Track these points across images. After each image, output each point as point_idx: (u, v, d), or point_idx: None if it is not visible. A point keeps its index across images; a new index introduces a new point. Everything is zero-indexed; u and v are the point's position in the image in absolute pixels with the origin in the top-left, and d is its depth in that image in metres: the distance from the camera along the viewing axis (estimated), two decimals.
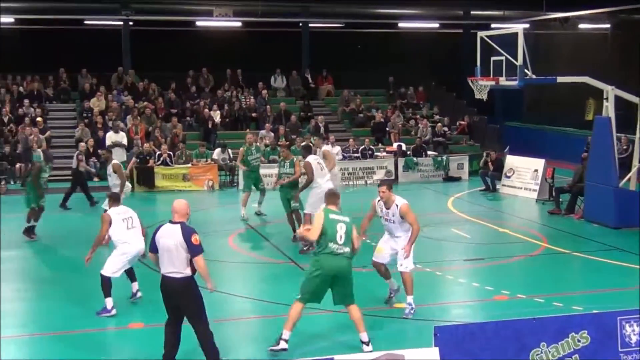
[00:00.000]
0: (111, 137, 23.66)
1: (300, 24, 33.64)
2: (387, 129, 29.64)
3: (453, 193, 23.08)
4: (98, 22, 32.10)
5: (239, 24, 32.09)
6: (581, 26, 34.49)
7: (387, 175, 25.14)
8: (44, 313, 11.64)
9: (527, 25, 31.62)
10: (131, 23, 31.37)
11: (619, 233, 16.73)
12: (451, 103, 34.18)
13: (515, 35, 17.50)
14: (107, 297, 11.08)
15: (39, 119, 26.30)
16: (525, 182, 22.42)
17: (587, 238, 16.53)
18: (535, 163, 22.42)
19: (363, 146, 26.37)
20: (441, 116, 30.98)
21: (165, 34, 32.10)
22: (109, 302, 11.07)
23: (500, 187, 23.08)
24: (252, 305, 11.97)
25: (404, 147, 27.08)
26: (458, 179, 25.78)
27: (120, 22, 31.32)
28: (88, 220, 17.45)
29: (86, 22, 31.57)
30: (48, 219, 16.87)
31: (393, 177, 25.12)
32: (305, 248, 14.77)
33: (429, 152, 27.00)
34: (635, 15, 31.23)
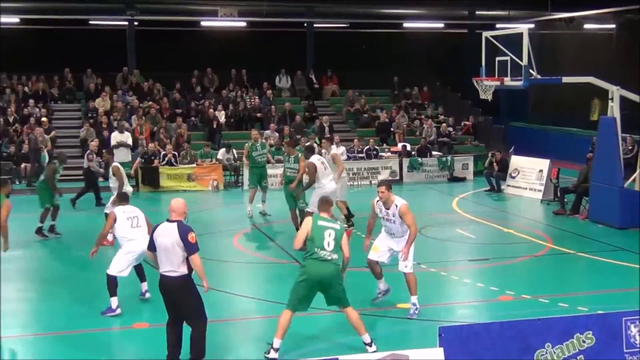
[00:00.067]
0: (116, 137, 23.66)
1: (305, 24, 33.64)
2: (392, 129, 29.61)
3: (458, 193, 23.07)
4: (103, 22, 32.14)
5: (244, 24, 32.11)
6: (586, 26, 34.42)
7: (392, 175, 25.16)
8: (48, 313, 11.65)
9: (532, 25, 31.56)
10: (136, 23, 31.41)
11: (624, 233, 16.70)
12: (456, 103, 34.15)
13: (520, 35, 17.48)
14: (112, 297, 11.11)
15: (44, 119, 26.35)
16: (530, 183, 22.39)
17: (592, 238, 16.51)
18: (540, 163, 22.39)
19: (368, 146, 26.37)
20: (446, 116, 30.96)
21: (170, 34, 32.12)
22: (114, 302, 11.09)
23: (505, 188, 23.05)
24: (257, 305, 11.97)
25: (409, 148, 27.06)
26: (463, 180, 25.77)
27: (125, 22, 31.37)
28: (93, 220, 17.44)
29: (91, 22, 31.58)
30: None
31: (397, 177, 25.16)
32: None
33: (434, 153, 26.97)
34: None
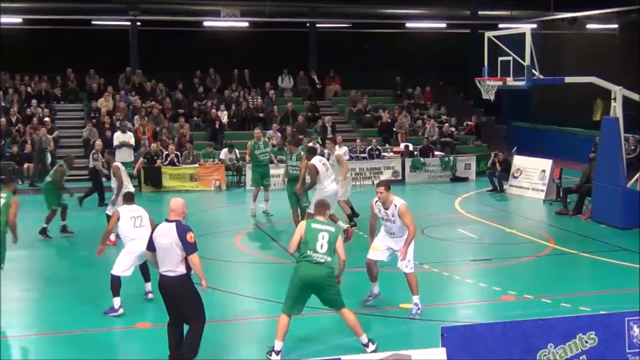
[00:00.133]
0: (119, 138, 23.67)
1: (307, 24, 33.65)
2: (394, 129, 29.61)
3: (460, 193, 23.05)
4: (106, 23, 32.16)
5: (247, 25, 32.11)
6: (589, 26, 34.40)
7: (394, 175, 25.17)
8: (51, 313, 11.66)
9: (535, 25, 31.56)
10: (139, 23, 31.42)
11: (627, 234, 16.66)
12: (458, 103, 34.14)
13: (522, 35, 17.47)
14: (115, 297, 11.12)
15: (47, 119, 26.36)
16: (532, 183, 22.36)
17: (595, 239, 16.49)
18: (542, 163, 22.36)
19: (370, 146, 26.36)
20: (448, 116, 30.93)
21: (172, 34, 32.13)
22: (117, 302, 11.10)
23: (507, 188, 23.02)
24: (259, 305, 11.97)
25: (411, 148, 27.05)
26: (465, 180, 25.73)
27: (127, 23, 31.39)
28: (96, 220, 17.44)
29: (94, 23, 31.61)
30: (56, 219, 16.89)
31: (400, 177, 25.18)
32: None
33: (436, 153, 26.95)
34: None
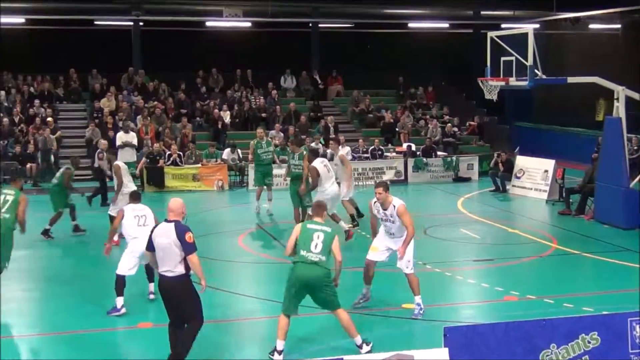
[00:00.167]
0: (121, 137, 23.67)
1: (310, 24, 33.65)
2: (397, 130, 29.60)
3: (463, 194, 23.03)
4: (108, 23, 32.18)
5: (249, 25, 32.11)
6: (592, 26, 34.37)
7: (397, 175, 25.19)
8: (53, 313, 11.68)
9: (538, 25, 31.52)
10: (141, 23, 31.44)
11: (630, 234, 16.62)
12: (461, 103, 34.13)
13: (525, 35, 17.47)
14: (119, 297, 11.13)
15: (50, 119, 26.39)
16: (535, 183, 22.34)
17: (598, 239, 16.47)
18: (545, 164, 22.34)
19: (373, 146, 26.35)
20: (451, 116, 30.90)
21: (175, 35, 32.13)
22: (119, 301, 11.11)
23: (510, 188, 23.01)
24: (262, 305, 11.97)
25: (414, 148, 27.06)
26: (468, 180, 25.71)
27: (130, 23, 31.40)
28: (98, 220, 17.44)
29: (96, 23, 31.63)
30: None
31: (402, 177, 25.21)
32: None
33: (439, 153, 26.94)
34: None
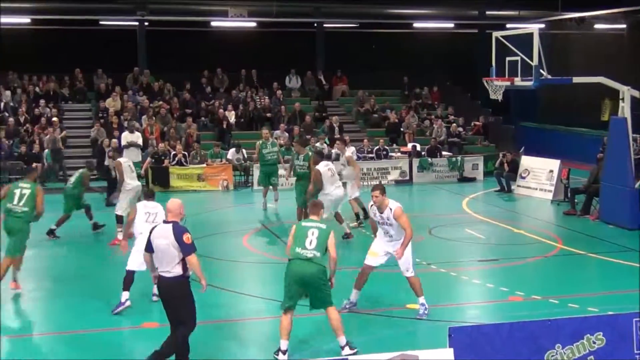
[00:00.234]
0: (126, 137, 23.70)
1: (314, 24, 33.64)
2: (402, 130, 29.58)
3: (468, 194, 23.01)
4: (113, 23, 32.21)
5: (254, 25, 32.12)
6: (597, 26, 34.30)
7: (402, 175, 25.20)
8: (56, 312, 11.73)
9: (543, 25, 31.48)
10: (146, 23, 31.47)
11: (635, 234, 16.54)
12: (466, 103, 34.08)
13: (530, 35, 17.44)
14: (125, 291, 11.22)
15: (55, 119, 26.43)
16: (540, 183, 22.31)
17: (603, 239, 16.45)
18: (550, 164, 22.30)
19: (377, 146, 26.34)
20: (456, 117, 30.88)
21: (180, 35, 32.15)
22: (125, 296, 11.20)
23: (515, 188, 22.97)
24: (266, 305, 11.96)
25: (419, 148, 27.02)
26: (473, 180, 25.67)
27: (135, 23, 31.44)
28: (102, 219, 17.43)
29: (102, 23, 31.67)
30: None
31: (407, 177, 25.23)
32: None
33: (444, 153, 26.92)
34: None
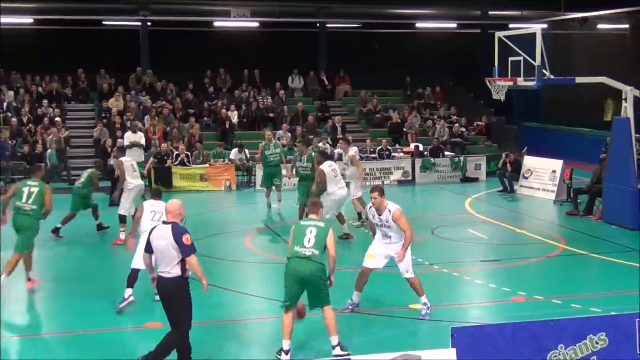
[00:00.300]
0: (129, 137, 23.71)
1: (317, 25, 33.65)
2: (404, 130, 29.57)
3: (470, 194, 23.00)
4: (116, 23, 32.22)
5: (257, 25, 32.10)
6: (600, 26, 34.26)
7: (404, 176, 25.19)
8: (58, 312, 11.75)
9: (546, 25, 31.45)
10: (149, 23, 31.49)
11: (638, 234, 16.53)
12: (469, 103, 34.06)
13: (533, 35, 17.43)
14: (128, 288, 11.27)
15: (58, 119, 26.45)
16: (543, 183, 22.30)
17: (606, 239, 16.43)
18: (553, 164, 22.29)
19: (380, 147, 26.34)
20: (458, 117, 30.86)
21: (183, 35, 32.16)
22: (127, 292, 11.25)
23: (517, 188, 22.96)
24: (269, 305, 11.96)
25: (421, 148, 27.02)
26: (475, 180, 25.66)
27: (138, 23, 31.45)
28: (106, 219, 17.45)
29: (104, 23, 31.68)
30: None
31: (410, 177, 25.22)
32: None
33: (446, 153, 26.91)
34: None
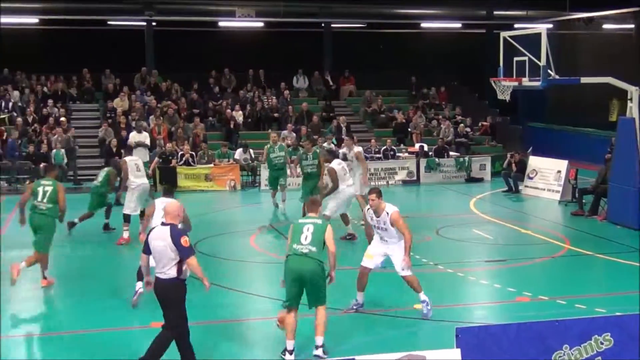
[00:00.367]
0: (134, 137, 23.76)
1: (322, 25, 33.65)
2: (409, 130, 29.55)
3: (475, 194, 22.98)
4: (121, 23, 32.26)
5: (262, 25, 32.14)
6: (605, 26, 34.21)
7: (409, 176, 25.20)
8: (63, 312, 11.77)
9: (551, 25, 31.41)
10: (154, 24, 31.52)
11: None
12: (473, 104, 34.03)
13: (538, 35, 17.41)
14: (138, 282, 11.33)
15: (63, 119, 26.50)
16: (548, 183, 22.26)
17: (611, 240, 16.40)
18: (558, 164, 22.25)
19: (385, 147, 26.33)
20: (463, 117, 30.84)
21: (188, 35, 32.20)
22: (138, 285, 11.33)
23: (522, 189, 22.94)
24: (273, 305, 11.95)
25: (426, 148, 27.00)
26: (480, 180, 25.65)
27: (143, 23, 31.49)
28: (111, 220, 17.50)
29: (109, 23, 31.73)
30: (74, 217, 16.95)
31: (414, 178, 25.23)
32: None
33: (451, 153, 26.88)
34: None
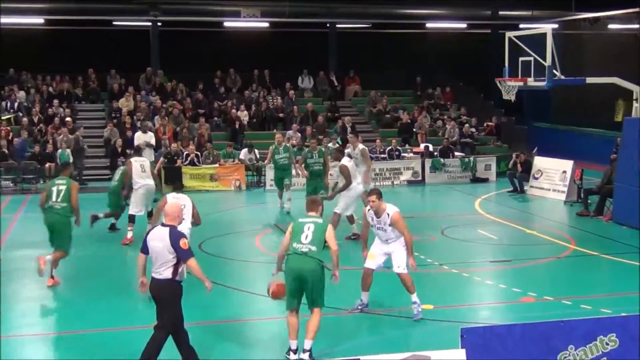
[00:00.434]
0: (139, 137, 23.78)
1: (327, 25, 33.67)
2: (414, 130, 29.55)
3: (480, 194, 22.97)
4: (127, 23, 32.31)
5: (267, 25, 32.15)
6: (611, 26, 34.14)
7: (414, 176, 25.18)
8: (67, 312, 11.78)
9: (556, 25, 31.35)
10: (159, 24, 31.57)
11: None
12: (479, 104, 34.01)
13: (543, 35, 17.43)
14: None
15: (68, 119, 26.55)
16: (553, 184, 22.23)
17: (616, 240, 16.38)
18: (563, 164, 22.22)
19: (390, 147, 26.31)
20: (469, 117, 30.82)
21: (193, 35, 32.22)
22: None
23: (528, 189, 22.91)
24: (278, 305, 11.92)
25: (431, 148, 26.99)
26: (485, 180, 25.62)
27: (148, 23, 31.53)
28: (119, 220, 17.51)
29: (115, 23, 31.77)
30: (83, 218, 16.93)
31: (420, 178, 25.22)
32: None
33: (456, 153, 26.86)
34: None
